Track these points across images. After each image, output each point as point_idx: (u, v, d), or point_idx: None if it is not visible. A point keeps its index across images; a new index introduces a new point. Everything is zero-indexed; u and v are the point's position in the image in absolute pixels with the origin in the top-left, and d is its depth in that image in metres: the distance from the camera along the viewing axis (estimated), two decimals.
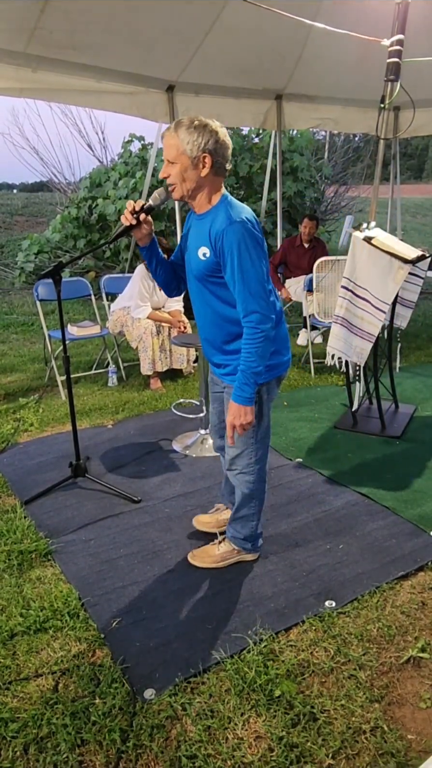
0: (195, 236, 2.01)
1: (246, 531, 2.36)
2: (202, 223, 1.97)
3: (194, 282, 2.07)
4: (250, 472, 2.24)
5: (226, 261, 1.89)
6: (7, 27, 4.06)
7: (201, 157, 1.86)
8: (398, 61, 3.20)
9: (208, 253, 1.93)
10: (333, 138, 12.30)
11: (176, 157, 1.88)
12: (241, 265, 1.87)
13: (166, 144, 1.89)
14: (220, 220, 1.89)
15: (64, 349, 2.98)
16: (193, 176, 1.89)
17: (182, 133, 1.85)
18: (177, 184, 1.92)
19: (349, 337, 3.33)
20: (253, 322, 1.91)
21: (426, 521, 2.69)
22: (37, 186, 17.86)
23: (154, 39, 4.70)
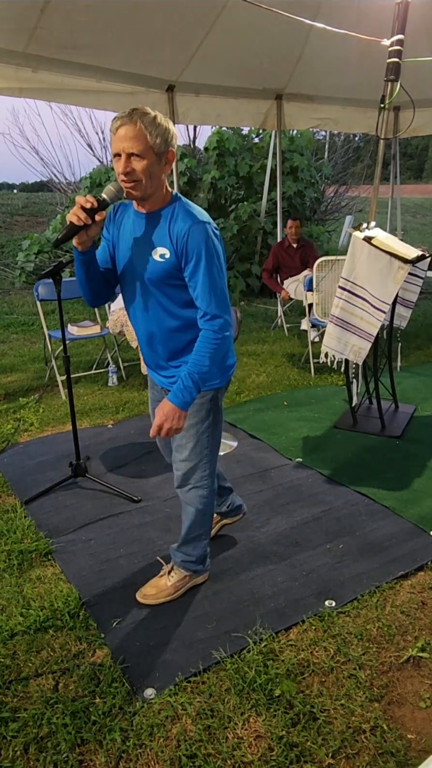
0: (145, 236, 1.82)
1: (198, 552, 2.20)
2: (151, 222, 1.81)
3: (143, 286, 1.87)
4: (204, 485, 2.08)
5: (190, 261, 1.76)
6: (7, 27, 4.06)
7: (167, 152, 1.73)
8: (398, 61, 3.20)
9: (167, 254, 1.78)
10: (333, 138, 12.31)
11: (144, 151, 1.67)
12: (208, 267, 1.76)
13: (127, 135, 1.65)
14: (182, 219, 1.75)
15: (64, 349, 2.98)
16: (158, 173, 1.73)
17: (149, 126, 1.66)
18: (142, 180, 1.71)
19: (345, 335, 3.33)
20: (216, 326, 1.81)
21: (426, 521, 2.69)
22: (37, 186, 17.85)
23: (154, 39, 4.70)
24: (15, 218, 13.31)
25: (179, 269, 1.79)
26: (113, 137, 1.69)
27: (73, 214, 1.70)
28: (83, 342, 5.57)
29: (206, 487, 2.10)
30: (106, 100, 5.37)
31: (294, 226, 5.83)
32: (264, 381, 4.69)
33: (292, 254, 5.89)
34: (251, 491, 2.99)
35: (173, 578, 2.22)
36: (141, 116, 1.66)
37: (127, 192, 1.73)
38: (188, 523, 2.15)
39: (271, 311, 7.47)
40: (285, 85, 6.11)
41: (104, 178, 9.12)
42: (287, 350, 5.60)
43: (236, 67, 5.51)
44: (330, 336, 3.38)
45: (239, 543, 2.55)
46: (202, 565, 2.25)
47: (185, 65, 5.25)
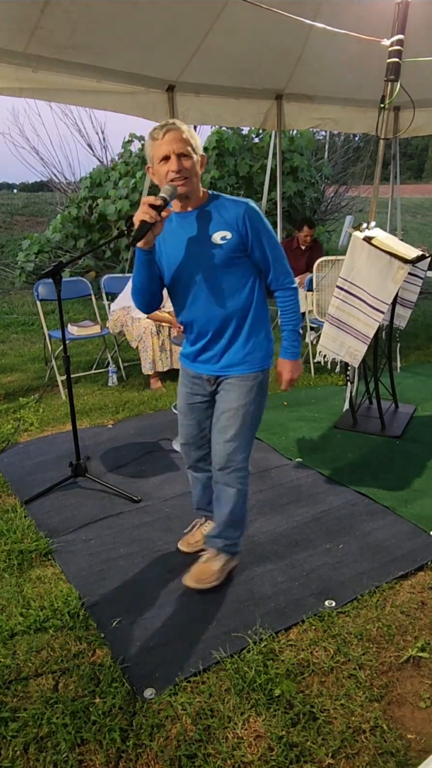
0: (199, 230, 1.96)
1: (238, 533, 2.26)
2: (202, 216, 1.97)
3: (207, 274, 2.00)
4: (244, 467, 2.18)
5: (254, 236, 1.97)
6: (7, 27, 4.06)
7: (201, 156, 1.94)
8: (398, 61, 3.20)
9: (228, 235, 1.95)
10: (333, 138, 12.30)
11: (190, 151, 1.88)
12: (270, 237, 2.01)
13: (175, 138, 1.85)
14: (232, 205, 1.96)
15: (64, 349, 2.98)
16: (198, 172, 1.93)
17: (188, 132, 1.89)
18: (191, 177, 1.89)
19: (341, 336, 3.34)
20: (292, 282, 2.10)
21: (426, 521, 2.69)
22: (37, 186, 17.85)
23: (154, 39, 4.70)
24: (15, 218, 13.31)
25: (242, 248, 1.98)
26: (159, 142, 1.86)
27: (144, 213, 1.79)
28: (83, 342, 5.57)
29: (245, 468, 2.19)
30: (106, 100, 5.37)
31: (310, 234, 5.87)
32: None
33: (298, 255, 5.90)
34: (251, 491, 2.98)
35: (218, 563, 2.26)
36: (181, 125, 1.89)
37: (180, 188, 1.87)
38: (230, 505, 2.18)
39: (271, 311, 7.46)
40: (285, 85, 6.11)
41: (104, 178, 9.12)
42: None
43: (236, 67, 5.51)
44: (326, 336, 3.38)
45: None
46: (240, 546, 2.32)
47: (185, 65, 5.25)
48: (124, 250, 8.57)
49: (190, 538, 2.54)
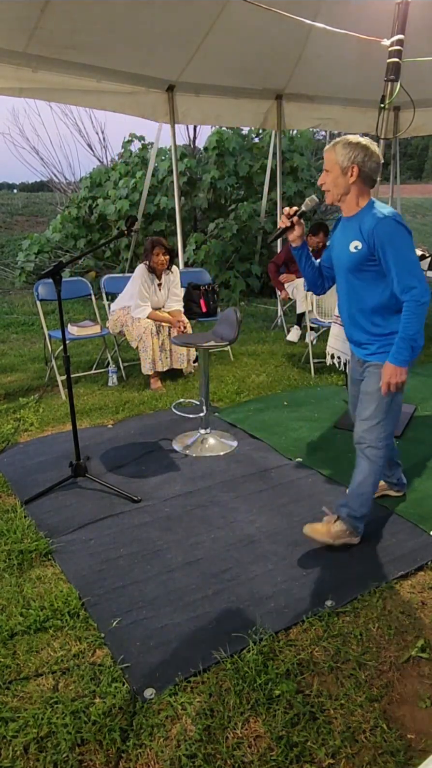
0: (344, 236, 2.30)
1: (362, 509, 2.46)
2: (351, 223, 2.27)
3: (343, 275, 2.35)
4: (379, 446, 2.39)
5: (383, 249, 2.17)
6: (7, 27, 4.06)
7: (350, 167, 2.19)
8: (398, 61, 3.20)
9: (360, 245, 2.22)
10: (333, 138, 12.30)
11: (331, 167, 2.23)
12: (397, 252, 2.16)
13: (325, 158, 2.26)
14: (369, 218, 2.19)
15: (64, 349, 2.98)
16: (342, 182, 2.23)
17: (338, 148, 2.20)
18: (330, 189, 2.26)
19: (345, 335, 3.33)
20: (414, 295, 2.17)
21: (426, 521, 2.69)
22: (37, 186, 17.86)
23: (154, 39, 4.71)
24: (15, 218, 13.31)
25: (369, 258, 2.22)
26: None
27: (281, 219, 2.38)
28: (83, 342, 5.57)
29: (380, 448, 2.39)
30: (106, 100, 5.38)
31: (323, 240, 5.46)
32: (264, 381, 4.69)
33: None
34: (251, 491, 2.99)
35: (336, 527, 2.49)
36: (337, 142, 2.23)
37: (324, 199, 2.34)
38: (360, 478, 2.44)
39: (271, 311, 7.47)
40: (285, 85, 6.11)
41: (104, 178, 9.12)
42: (287, 350, 5.60)
43: (236, 67, 5.51)
44: (335, 337, 3.38)
45: (239, 543, 2.55)
46: (362, 524, 2.50)
47: (185, 65, 5.26)
48: (124, 250, 8.57)
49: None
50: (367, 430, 2.39)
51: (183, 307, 4.67)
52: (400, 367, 2.28)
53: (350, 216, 2.29)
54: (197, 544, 2.55)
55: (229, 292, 8.00)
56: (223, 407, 4.18)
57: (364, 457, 2.42)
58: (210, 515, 2.78)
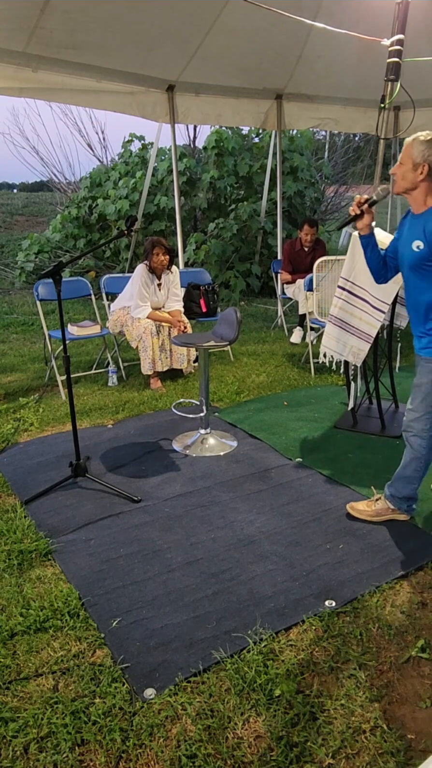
0: (410, 232, 2.35)
1: (406, 491, 2.61)
2: (417, 221, 2.31)
3: (406, 270, 2.42)
4: (424, 436, 2.48)
5: None
6: (7, 27, 4.06)
7: (422, 164, 2.21)
8: (398, 60, 3.20)
9: (421, 245, 2.26)
10: (333, 138, 12.30)
11: (405, 160, 2.25)
12: None
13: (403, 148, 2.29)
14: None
15: (64, 349, 2.98)
16: (411, 177, 2.25)
17: (416, 143, 2.22)
18: (398, 180, 2.30)
19: (344, 336, 3.33)
20: None
21: (426, 521, 2.69)
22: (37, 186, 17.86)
23: (154, 39, 4.71)
24: (15, 218, 13.33)
25: (429, 258, 2.25)
26: None
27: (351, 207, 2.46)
28: (83, 342, 5.57)
29: (427, 438, 2.48)
30: (106, 99, 5.38)
31: (311, 233, 5.71)
32: (264, 381, 4.69)
33: (303, 256, 5.86)
34: (251, 491, 2.99)
35: (378, 505, 2.69)
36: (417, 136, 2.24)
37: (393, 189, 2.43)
38: (406, 461, 2.57)
39: (271, 311, 7.47)
40: (285, 85, 6.11)
41: (104, 178, 9.12)
42: (287, 350, 5.60)
43: (236, 67, 5.51)
44: (329, 336, 3.38)
45: (239, 543, 2.55)
46: (407, 504, 2.66)
47: (185, 65, 5.26)
48: (124, 250, 8.57)
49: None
50: (414, 420, 2.48)
51: (183, 307, 4.67)
52: None
53: (418, 214, 2.32)
54: (197, 544, 2.55)
55: (229, 292, 8.00)
56: (223, 407, 4.18)
57: (409, 444, 2.55)
58: (210, 515, 2.78)
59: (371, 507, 2.70)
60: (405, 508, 2.67)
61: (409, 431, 2.53)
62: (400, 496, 2.64)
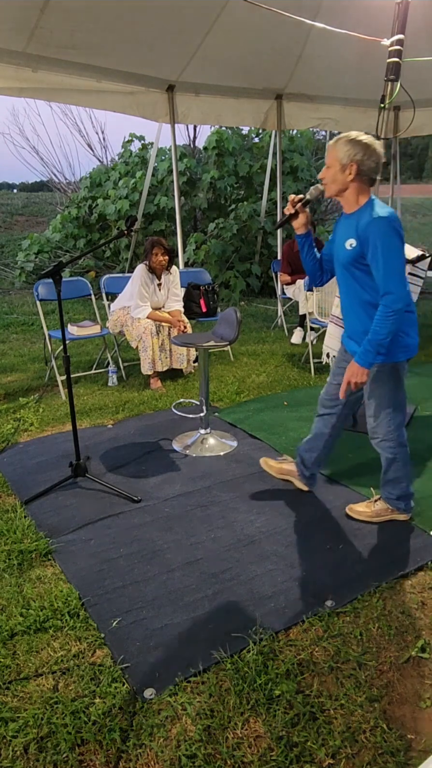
0: (343, 231, 2.35)
1: (397, 491, 2.63)
2: (350, 220, 2.32)
3: (341, 270, 2.42)
4: (390, 438, 2.52)
5: (370, 249, 2.20)
6: (7, 27, 4.06)
7: (349, 165, 2.23)
8: (398, 60, 3.20)
9: (354, 243, 2.26)
10: (333, 138, 12.29)
11: (332, 162, 2.27)
12: (384, 254, 2.18)
13: (327, 152, 2.32)
14: (366, 217, 2.23)
15: (64, 349, 2.98)
16: (341, 179, 2.27)
17: (341, 145, 2.24)
18: (328, 183, 2.31)
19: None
20: (387, 300, 2.21)
21: (426, 521, 2.69)
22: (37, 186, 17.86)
23: (154, 39, 4.71)
24: (15, 218, 13.32)
25: (362, 256, 2.25)
26: None
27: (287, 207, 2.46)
28: (83, 342, 5.57)
29: (392, 439, 2.53)
30: (106, 99, 5.38)
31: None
32: (264, 381, 4.69)
33: None
34: (251, 491, 2.99)
35: (377, 506, 2.71)
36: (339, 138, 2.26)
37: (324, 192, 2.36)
38: (384, 467, 2.63)
39: (271, 311, 7.47)
40: (285, 85, 6.11)
41: (104, 178, 9.12)
42: (287, 350, 5.60)
43: (236, 67, 5.51)
44: (331, 336, 3.38)
45: (239, 543, 2.55)
46: (403, 503, 2.67)
47: (185, 65, 5.26)
48: (124, 250, 8.57)
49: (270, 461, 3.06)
50: (374, 426, 2.54)
51: (183, 307, 4.67)
52: (362, 368, 2.31)
53: (350, 213, 2.34)
54: (197, 544, 2.55)
55: (229, 292, 8.01)
56: (223, 407, 4.17)
57: (380, 449, 2.59)
58: (210, 515, 2.78)
59: (370, 508, 2.72)
60: (403, 508, 2.68)
61: (375, 438, 2.57)
62: (394, 498, 2.66)
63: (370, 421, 2.55)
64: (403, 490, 2.64)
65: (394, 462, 2.59)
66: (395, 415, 2.51)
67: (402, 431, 2.56)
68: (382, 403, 2.48)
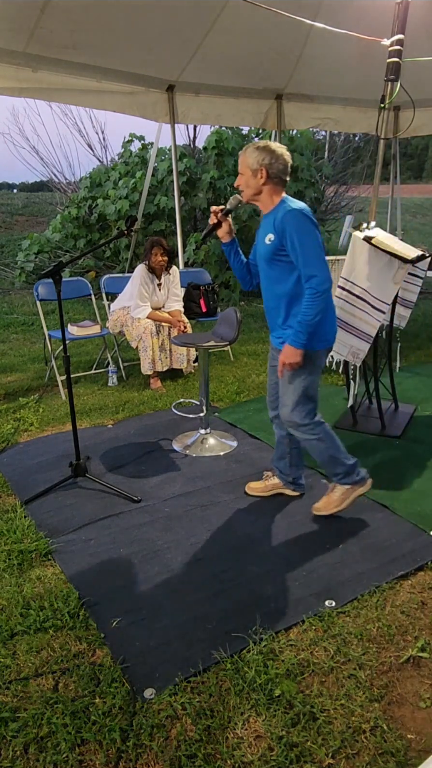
0: (262, 230, 2.49)
1: (341, 468, 2.66)
2: (268, 218, 2.45)
3: (263, 266, 2.54)
4: (305, 422, 2.57)
5: (290, 239, 2.33)
6: (7, 27, 4.06)
7: (259, 169, 2.38)
8: (398, 60, 3.20)
9: (273, 237, 2.39)
10: (333, 138, 12.28)
11: (243, 170, 2.43)
12: (300, 241, 2.32)
13: (239, 161, 2.45)
14: (281, 211, 2.37)
15: (64, 349, 2.98)
16: (253, 183, 2.43)
17: (250, 152, 2.40)
18: (243, 189, 2.47)
19: (344, 336, 3.33)
20: (313, 283, 2.34)
21: (426, 521, 2.69)
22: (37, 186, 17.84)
23: (154, 39, 4.71)
24: (15, 218, 13.32)
25: (281, 249, 2.38)
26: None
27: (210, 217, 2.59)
28: (83, 342, 5.57)
29: (308, 423, 2.58)
30: (106, 99, 5.38)
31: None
32: (264, 381, 4.69)
33: None
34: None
35: (337, 492, 2.72)
36: (248, 147, 2.41)
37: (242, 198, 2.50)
38: (313, 453, 2.67)
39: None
40: (285, 85, 6.11)
41: (104, 178, 9.12)
42: None
43: (236, 67, 5.51)
44: None
45: (239, 543, 2.55)
46: (355, 475, 2.69)
47: (185, 65, 5.26)
48: (124, 250, 8.57)
49: (255, 484, 2.99)
50: (289, 413, 2.58)
51: (183, 307, 4.67)
52: (295, 349, 2.42)
53: (267, 213, 2.47)
54: (197, 544, 2.55)
55: (229, 292, 8.00)
56: (223, 407, 4.17)
57: (301, 437, 2.63)
58: (210, 515, 2.78)
59: (331, 498, 2.74)
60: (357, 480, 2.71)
61: (291, 425, 2.62)
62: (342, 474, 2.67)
63: (284, 410, 2.59)
64: (344, 464, 2.66)
65: (318, 443, 2.61)
66: (307, 402, 2.57)
67: (316, 414, 2.62)
68: (297, 391, 2.53)
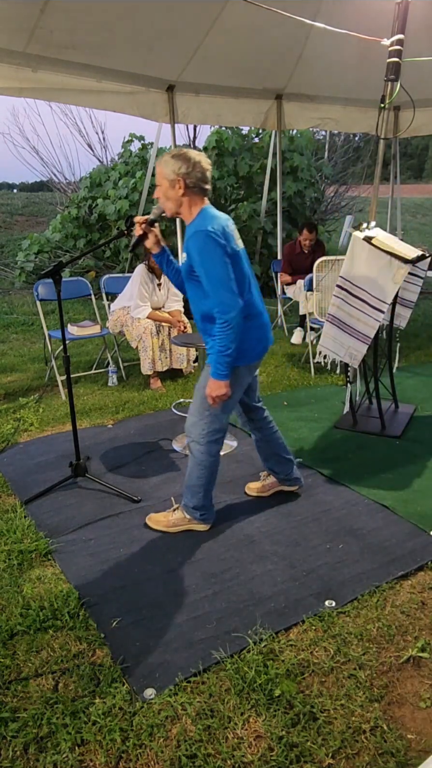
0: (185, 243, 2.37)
1: (194, 501, 2.56)
2: (187, 233, 2.33)
3: (185, 281, 2.44)
4: (202, 442, 2.47)
5: (194, 263, 2.24)
6: (7, 27, 4.06)
7: (176, 180, 2.24)
8: (398, 60, 3.20)
9: (185, 257, 2.33)
10: (333, 138, 12.28)
11: (160, 181, 2.29)
12: (204, 267, 2.21)
13: (156, 171, 2.30)
14: (192, 230, 2.26)
15: (64, 349, 2.98)
16: (172, 195, 2.28)
17: (165, 162, 2.25)
18: (163, 201, 2.33)
19: (341, 336, 3.33)
20: (219, 312, 2.22)
21: (426, 521, 2.69)
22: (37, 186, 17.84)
23: (154, 39, 4.70)
24: (15, 218, 13.32)
25: (193, 269, 2.28)
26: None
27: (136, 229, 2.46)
28: (83, 342, 5.57)
29: (203, 444, 2.47)
30: (106, 99, 5.37)
31: (310, 238, 5.78)
32: (264, 381, 4.69)
33: (303, 258, 5.87)
34: None
35: (175, 515, 2.63)
36: (164, 156, 2.27)
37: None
38: (188, 470, 2.57)
39: (270, 311, 7.46)
40: (285, 85, 6.11)
41: (104, 178, 9.12)
42: (287, 350, 5.60)
43: (236, 67, 5.51)
44: (326, 335, 3.38)
45: (239, 543, 2.55)
46: (200, 514, 2.59)
47: (185, 65, 5.25)
48: (124, 250, 8.57)
49: (254, 484, 2.95)
50: (192, 424, 2.49)
51: (183, 307, 4.67)
52: (218, 381, 2.30)
53: (188, 226, 2.33)
54: (197, 544, 2.55)
55: None
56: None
57: (190, 451, 2.54)
58: None
59: (167, 518, 2.64)
60: (198, 518, 2.60)
61: (189, 436, 2.51)
62: (191, 506, 2.58)
63: (189, 418, 2.50)
64: (200, 500, 2.56)
65: (199, 469, 2.51)
66: (214, 420, 2.45)
67: (216, 441, 2.50)
68: (203, 404, 2.42)
